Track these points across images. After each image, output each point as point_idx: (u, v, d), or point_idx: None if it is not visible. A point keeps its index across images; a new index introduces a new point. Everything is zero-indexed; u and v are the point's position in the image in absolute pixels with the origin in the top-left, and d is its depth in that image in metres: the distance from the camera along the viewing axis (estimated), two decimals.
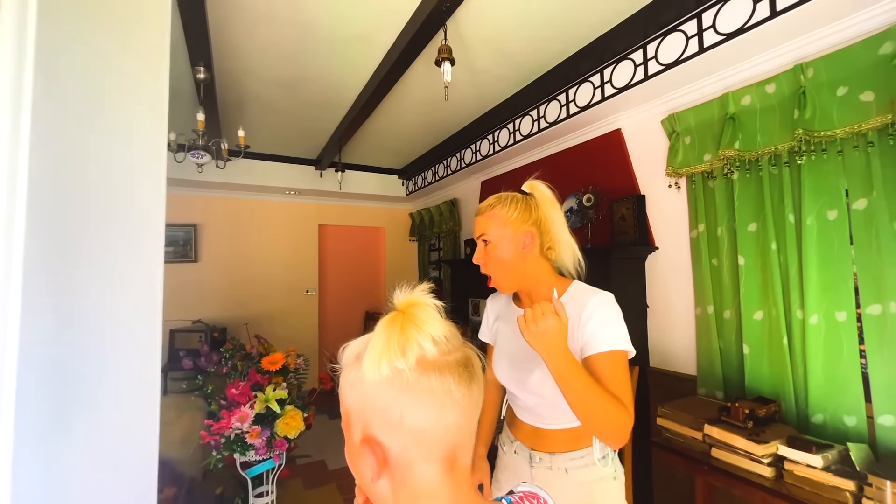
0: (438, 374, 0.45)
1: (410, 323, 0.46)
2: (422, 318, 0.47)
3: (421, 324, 0.46)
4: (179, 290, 4.13)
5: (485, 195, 3.82)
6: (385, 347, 0.45)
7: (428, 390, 0.45)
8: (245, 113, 3.11)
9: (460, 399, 0.46)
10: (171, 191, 4.11)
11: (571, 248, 1.07)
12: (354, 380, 0.48)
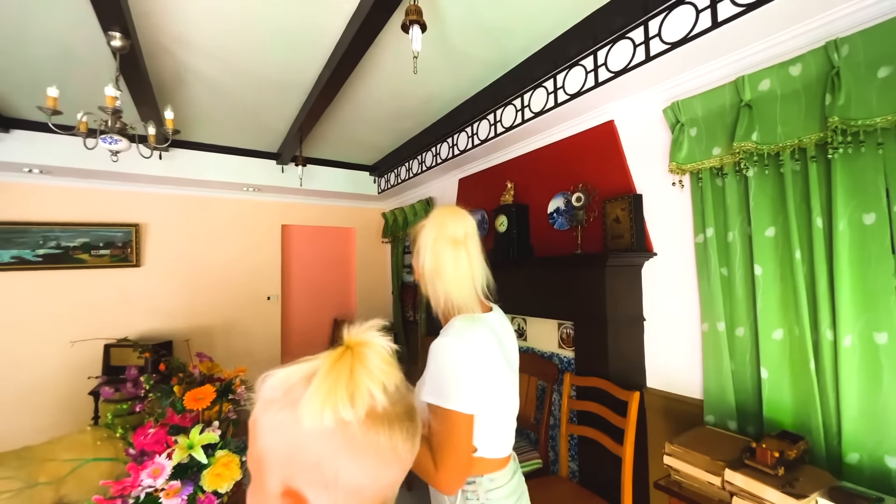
0: (388, 428, 0.42)
1: (362, 366, 0.41)
2: (374, 363, 0.42)
3: (374, 369, 0.42)
4: (118, 299, 3.64)
5: (464, 194, 3.51)
6: (331, 393, 0.39)
7: (374, 447, 0.41)
8: (187, 96, 2.69)
9: (405, 455, 0.43)
10: (107, 185, 3.62)
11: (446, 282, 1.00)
12: (283, 423, 0.41)
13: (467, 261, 0.95)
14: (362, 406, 0.40)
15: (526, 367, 2.40)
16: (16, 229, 3.31)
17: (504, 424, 0.97)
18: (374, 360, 0.42)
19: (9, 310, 3.26)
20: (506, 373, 0.96)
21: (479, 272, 0.97)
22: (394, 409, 0.42)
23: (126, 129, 1.78)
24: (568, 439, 2.04)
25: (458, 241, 0.94)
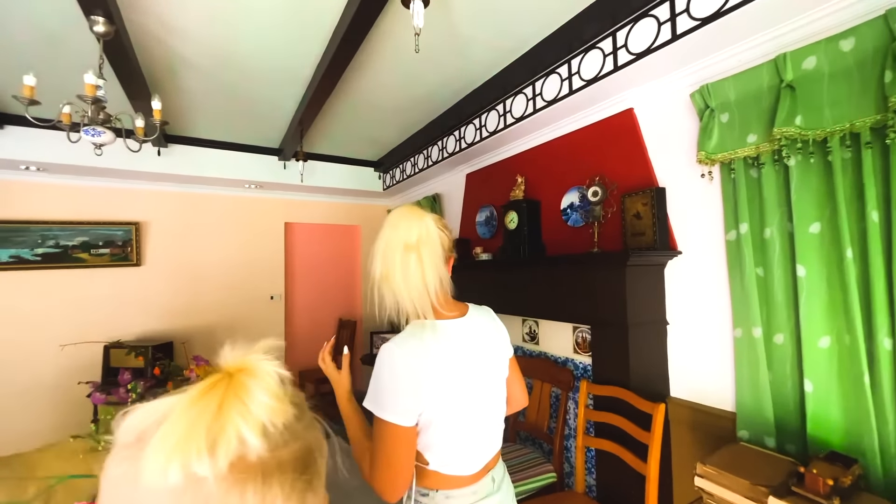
0: (260, 483, 0.31)
1: (236, 401, 0.32)
2: (256, 396, 0.32)
3: (253, 404, 0.32)
4: (119, 299, 3.56)
5: (472, 190, 3.36)
6: (185, 439, 0.29)
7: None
8: (181, 88, 2.58)
9: None
10: (107, 183, 3.54)
11: None
12: (122, 478, 0.31)
13: (418, 266, 0.87)
14: (225, 455, 0.30)
15: (538, 373, 2.26)
16: (14, 228, 3.24)
17: (462, 439, 0.90)
18: (257, 392, 0.33)
19: (7, 310, 3.20)
20: (462, 383, 0.89)
21: (431, 277, 0.87)
22: (274, 456, 0.32)
23: (110, 119, 1.67)
24: (584, 452, 1.89)
25: (409, 245, 0.88)
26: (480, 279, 2.84)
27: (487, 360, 0.95)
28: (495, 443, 0.97)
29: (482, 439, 0.93)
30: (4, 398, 3.15)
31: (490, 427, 0.95)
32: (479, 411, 0.92)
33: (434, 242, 0.90)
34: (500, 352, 1.00)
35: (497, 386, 0.97)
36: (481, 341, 0.96)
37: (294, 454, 0.34)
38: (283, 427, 0.34)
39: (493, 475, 0.95)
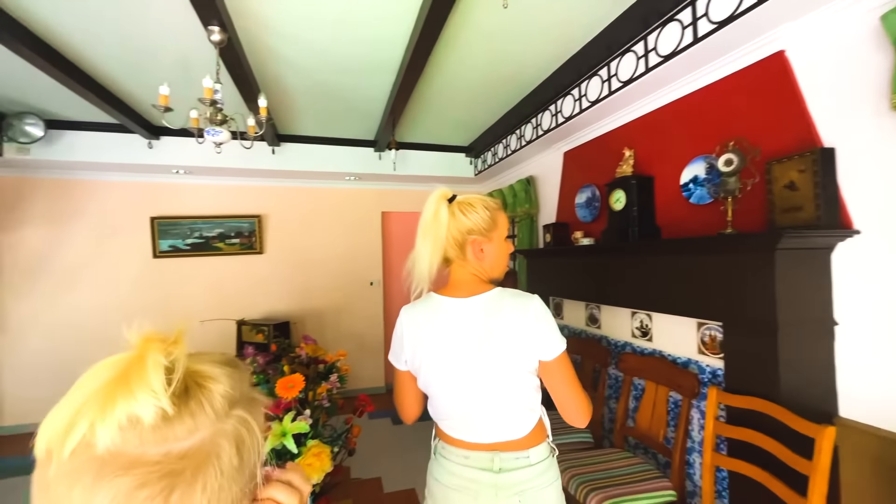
0: (92, 480, 0.28)
1: (107, 387, 0.29)
2: (151, 379, 0.30)
3: (119, 396, 0.29)
4: (247, 282, 4.08)
5: (570, 170, 3.08)
6: (56, 415, 0.29)
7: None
8: (286, 88, 2.77)
9: None
10: (235, 181, 4.04)
11: None
12: None
13: (424, 247, 0.99)
14: (71, 441, 0.28)
15: (651, 374, 1.97)
16: (171, 223, 3.89)
17: (443, 401, 0.98)
18: (133, 386, 0.30)
19: (165, 290, 3.87)
20: (440, 351, 0.96)
21: (424, 259, 0.99)
22: (130, 454, 0.29)
23: (227, 120, 1.83)
24: (714, 472, 1.58)
25: (421, 228, 1.00)
26: (580, 266, 2.59)
27: (475, 341, 0.94)
28: (495, 427, 0.95)
29: (468, 412, 0.96)
30: None
31: (479, 406, 0.95)
32: (459, 383, 0.95)
33: (438, 227, 0.97)
34: (502, 339, 0.93)
35: (490, 370, 0.93)
36: (474, 322, 0.95)
37: (154, 459, 0.29)
38: (160, 424, 0.30)
39: (499, 462, 0.94)
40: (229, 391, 0.35)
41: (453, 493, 0.97)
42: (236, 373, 0.37)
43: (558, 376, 0.94)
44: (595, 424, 2.24)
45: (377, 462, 2.89)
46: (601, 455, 1.95)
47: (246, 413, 0.35)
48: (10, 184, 3.53)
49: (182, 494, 0.30)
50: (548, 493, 0.95)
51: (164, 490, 0.29)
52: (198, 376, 0.35)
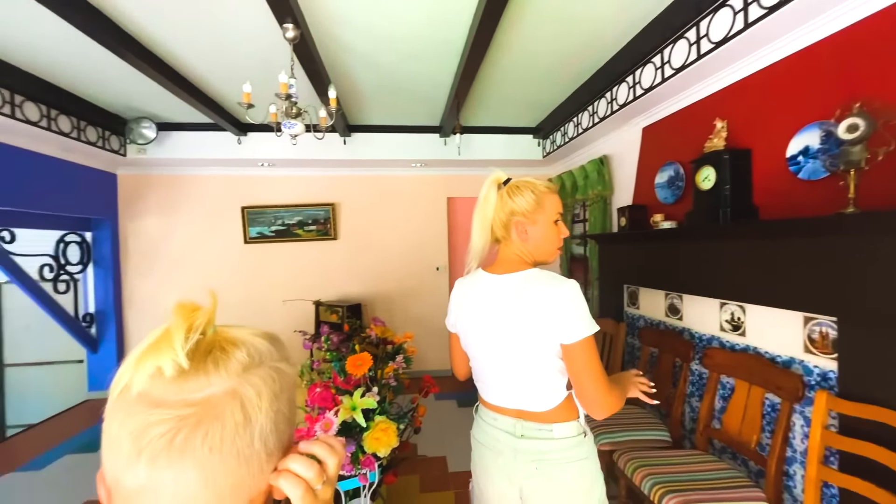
0: (125, 416, 0.35)
1: (157, 341, 0.36)
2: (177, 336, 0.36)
3: (161, 348, 0.35)
4: (323, 266, 4.37)
5: (649, 147, 2.83)
6: (126, 362, 0.36)
7: (106, 434, 0.36)
8: (354, 79, 2.86)
9: (143, 476, 0.33)
10: (312, 171, 4.31)
11: None
12: None
13: (475, 226, 1.10)
14: (119, 385, 0.36)
15: (743, 373, 1.76)
16: (258, 211, 4.27)
17: (475, 365, 1.12)
18: (175, 337, 0.36)
19: (255, 271, 4.28)
20: (472, 320, 1.07)
21: (474, 238, 1.09)
22: (154, 397, 0.34)
23: (301, 113, 1.94)
24: (820, 487, 1.38)
25: (475, 210, 1.09)
26: (659, 252, 2.38)
27: (503, 315, 1.00)
28: (517, 397, 1.02)
29: (495, 379, 1.05)
30: None
31: (503, 375, 1.03)
32: (489, 351, 1.05)
33: (486, 209, 1.06)
34: (527, 319, 0.96)
35: (513, 344, 0.99)
36: (504, 297, 1.01)
37: (185, 407, 0.34)
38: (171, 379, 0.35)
39: (521, 429, 1.01)
40: (246, 358, 0.38)
41: (483, 449, 1.09)
42: (265, 345, 0.41)
43: (578, 361, 0.94)
44: (674, 423, 2.07)
45: (442, 442, 2.97)
46: (681, 456, 1.80)
47: (259, 379, 0.38)
48: (133, 181, 4.12)
49: (185, 438, 0.34)
50: (569, 469, 0.98)
51: (171, 430, 0.34)
52: (224, 342, 0.39)
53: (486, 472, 1.08)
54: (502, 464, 1.03)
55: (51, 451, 2.96)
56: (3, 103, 2.58)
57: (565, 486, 0.98)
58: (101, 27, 2.04)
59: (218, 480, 0.35)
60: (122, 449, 0.34)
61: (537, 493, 0.99)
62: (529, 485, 0.99)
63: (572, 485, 0.98)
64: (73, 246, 3.83)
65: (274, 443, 0.39)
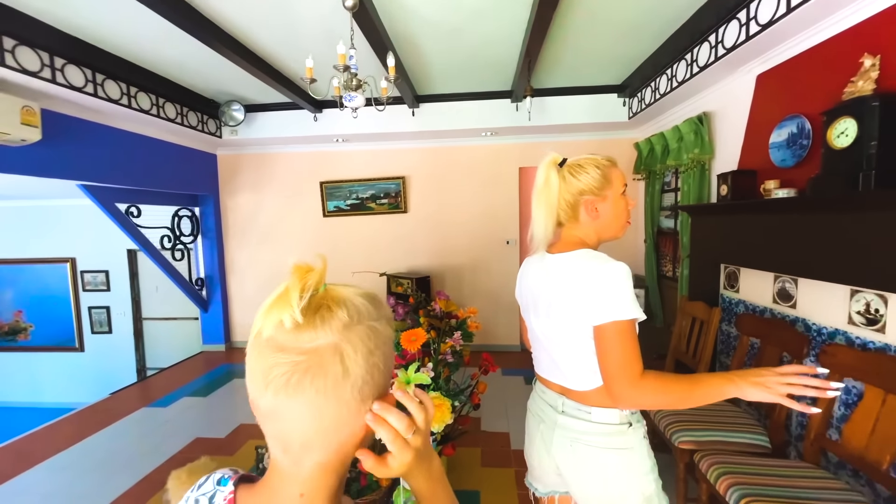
0: (258, 357, 0.44)
1: (280, 299, 0.44)
2: (289, 302, 0.43)
3: (284, 305, 0.43)
4: (394, 238, 4.48)
5: (764, 99, 2.35)
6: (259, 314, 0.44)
7: (247, 367, 0.45)
8: (420, 47, 2.75)
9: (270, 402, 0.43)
10: (383, 145, 4.37)
11: None
12: None
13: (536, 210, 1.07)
14: (255, 330, 0.44)
15: (877, 377, 1.41)
16: (336, 186, 4.48)
17: (531, 339, 1.17)
18: (292, 296, 0.43)
19: (333, 242, 4.53)
20: (524, 298, 1.13)
21: (536, 220, 1.06)
22: (278, 343, 0.43)
23: (361, 85, 1.90)
24: None
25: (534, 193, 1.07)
26: (770, 226, 1.99)
27: (549, 293, 1.02)
28: (567, 376, 1.02)
29: (544, 355, 1.10)
30: None
31: (548, 351, 1.06)
32: (537, 327, 1.08)
33: (550, 193, 1.04)
34: (567, 299, 0.97)
35: (553, 321, 1.01)
36: (552, 276, 1.03)
37: (288, 350, 0.42)
38: (289, 330, 0.42)
39: (563, 405, 1.03)
40: (347, 317, 0.44)
41: (531, 416, 1.17)
42: (365, 305, 0.46)
43: (603, 345, 0.90)
44: (776, 427, 1.76)
45: (507, 418, 2.94)
46: (784, 467, 1.53)
47: (357, 337, 0.44)
48: (229, 160, 4.55)
49: (298, 380, 0.42)
50: (608, 457, 0.96)
51: (287, 372, 0.42)
52: (331, 301, 0.45)
53: (530, 438, 1.15)
54: (543, 432, 1.08)
55: (173, 392, 3.52)
56: (121, 95, 2.96)
57: (602, 474, 0.97)
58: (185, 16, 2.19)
59: (323, 416, 0.43)
60: (256, 380, 0.43)
61: (572, 473, 1.01)
62: (565, 461, 1.02)
63: (611, 475, 0.96)
64: (186, 220, 4.40)
65: (368, 392, 0.45)
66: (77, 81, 2.62)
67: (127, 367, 5.00)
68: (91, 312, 5.05)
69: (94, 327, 5.06)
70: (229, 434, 2.79)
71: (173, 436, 2.77)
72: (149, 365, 5.09)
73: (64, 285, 5.01)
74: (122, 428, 2.91)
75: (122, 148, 3.32)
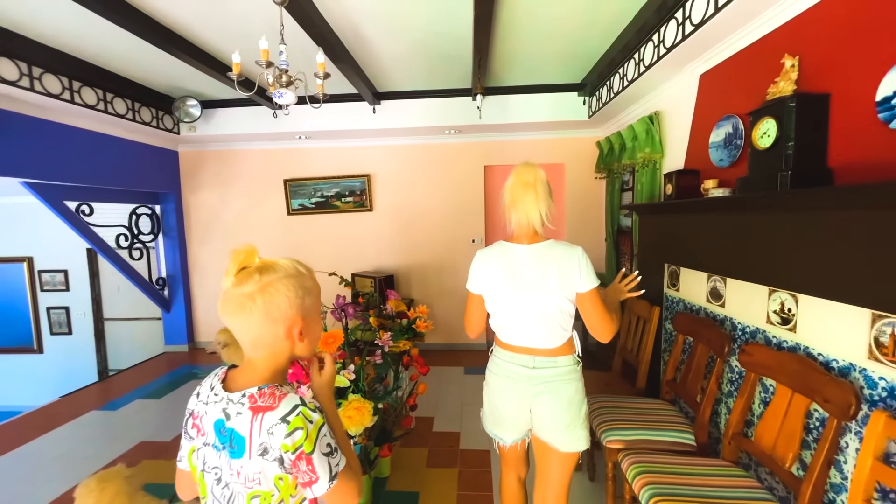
0: (224, 301, 0.77)
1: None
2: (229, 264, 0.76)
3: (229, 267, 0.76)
4: (360, 237, 4.44)
5: (706, 98, 2.37)
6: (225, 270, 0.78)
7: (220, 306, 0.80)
8: (372, 44, 2.71)
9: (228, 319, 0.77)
10: (347, 143, 4.32)
11: None
12: None
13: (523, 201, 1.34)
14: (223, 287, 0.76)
15: (786, 376, 1.43)
16: (299, 184, 4.41)
17: (501, 317, 1.38)
18: (231, 266, 0.76)
19: (298, 241, 4.48)
20: (501, 283, 1.34)
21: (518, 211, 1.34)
22: (230, 292, 0.75)
23: (292, 81, 1.86)
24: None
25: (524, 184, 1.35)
26: (707, 226, 2.00)
27: (529, 277, 1.31)
28: (541, 339, 1.34)
29: (520, 326, 1.35)
30: None
31: (528, 322, 1.34)
32: (518, 305, 1.33)
33: (544, 187, 1.34)
34: (551, 277, 1.29)
35: (538, 298, 1.31)
36: (530, 264, 1.32)
37: (238, 293, 0.74)
38: (235, 283, 0.75)
39: (535, 361, 1.35)
40: (258, 277, 0.74)
41: (501, 380, 1.39)
42: (290, 264, 0.79)
43: (589, 305, 1.31)
44: (701, 426, 1.78)
45: (462, 417, 2.93)
46: (701, 466, 1.55)
47: (265, 287, 0.74)
48: (191, 157, 4.46)
49: (236, 310, 0.74)
50: (567, 387, 1.33)
51: (225, 308, 0.74)
52: (264, 266, 0.76)
53: (502, 399, 1.39)
54: (518, 389, 1.35)
55: (126, 395, 3.45)
56: (62, 89, 2.87)
57: (565, 399, 1.32)
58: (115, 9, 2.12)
59: (251, 329, 0.74)
60: (224, 310, 0.75)
61: (544, 406, 1.33)
62: (538, 401, 1.33)
63: (570, 398, 1.33)
64: (145, 218, 4.30)
65: (277, 316, 0.75)
66: (10, 75, 2.54)
67: (88, 369, 4.90)
68: (49, 313, 4.94)
69: (52, 328, 4.95)
70: (176, 437, 2.74)
71: (117, 440, 2.71)
72: (111, 366, 4.99)
73: (21, 285, 4.88)
74: (65, 433, 2.84)
75: (70, 144, 3.22)
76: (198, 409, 0.77)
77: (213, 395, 0.76)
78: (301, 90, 2.23)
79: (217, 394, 0.75)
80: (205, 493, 0.78)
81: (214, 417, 0.74)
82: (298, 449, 0.70)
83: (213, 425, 0.74)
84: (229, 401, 0.73)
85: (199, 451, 0.76)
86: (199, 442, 0.76)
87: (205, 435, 0.75)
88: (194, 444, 0.77)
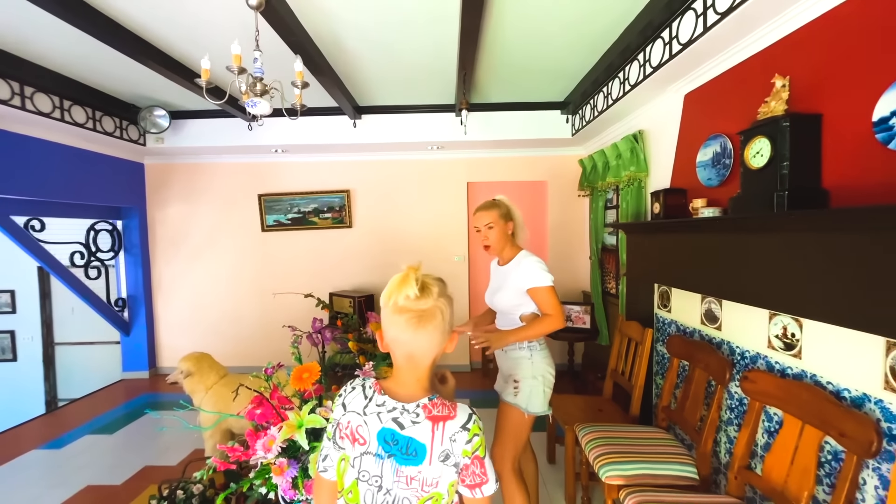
0: (398, 315, 0.81)
1: (401, 282, 0.82)
2: (408, 282, 0.81)
3: (405, 285, 0.81)
4: (339, 254, 4.26)
5: (691, 118, 2.36)
6: (386, 292, 0.84)
7: (384, 317, 0.84)
8: (351, 53, 2.61)
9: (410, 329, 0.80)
10: (326, 157, 4.17)
11: (525, 231, 1.82)
12: None
13: None
14: (389, 301, 0.83)
15: (795, 406, 1.35)
16: (275, 199, 4.22)
17: None
18: (412, 279, 0.81)
19: (274, 258, 4.26)
20: None
21: None
22: (405, 307, 0.81)
23: (267, 90, 1.73)
24: None
25: None
26: (697, 246, 1.95)
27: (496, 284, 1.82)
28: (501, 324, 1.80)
29: None
30: (270, 326, 4.18)
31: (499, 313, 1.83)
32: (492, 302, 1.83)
33: None
34: (507, 281, 1.74)
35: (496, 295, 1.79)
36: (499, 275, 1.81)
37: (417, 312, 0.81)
38: (412, 298, 0.81)
39: None
40: (437, 291, 0.84)
41: None
42: (440, 285, 0.86)
43: (539, 299, 1.66)
44: (703, 458, 1.68)
45: None
46: (702, 503, 1.44)
47: (445, 300, 0.84)
48: (157, 169, 4.21)
49: (419, 326, 0.80)
50: (522, 353, 1.68)
51: (411, 323, 0.80)
52: (427, 283, 0.84)
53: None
54: (499, 361, 1.79)
55: (75, 430, 3.11)
56: (11, 95, 2.63)
57: (518, 364, 1.68)
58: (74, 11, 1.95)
59: (433, 341, 0.82)
60: (393, 325, 0.82)
61: (509, 370, 1.70)
62: (506, 367, 1.73)
63: (517, 360, 1.68)
64: (104, 234, 4.00)
65: (447, 328, 0.84)
66: None
67: (33, 399, 4.46)
68: None
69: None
70: (128, 480, 2.45)
71: (59, 485, 2.40)
72: (61, 395, 4.57)
73: None
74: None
75: (18, 154, 2.96)
76: (351, 420, 0.81)
77: (375, 405, 0.81)
78: (277, 101, 2.10)
79: (383, 404, 0.81)
80: (357, 500, 0.81)
81: (379, 426, 0.79)
82: (475, 453, 0.79)
83: (376, 434, 0.79)
84: (404, 410, 0.79)
85: (355, 460, 0.80)
86: (356, 451, 0.80)
87: (365, 444, 0.79)
88: (345, 454, 0.81)
